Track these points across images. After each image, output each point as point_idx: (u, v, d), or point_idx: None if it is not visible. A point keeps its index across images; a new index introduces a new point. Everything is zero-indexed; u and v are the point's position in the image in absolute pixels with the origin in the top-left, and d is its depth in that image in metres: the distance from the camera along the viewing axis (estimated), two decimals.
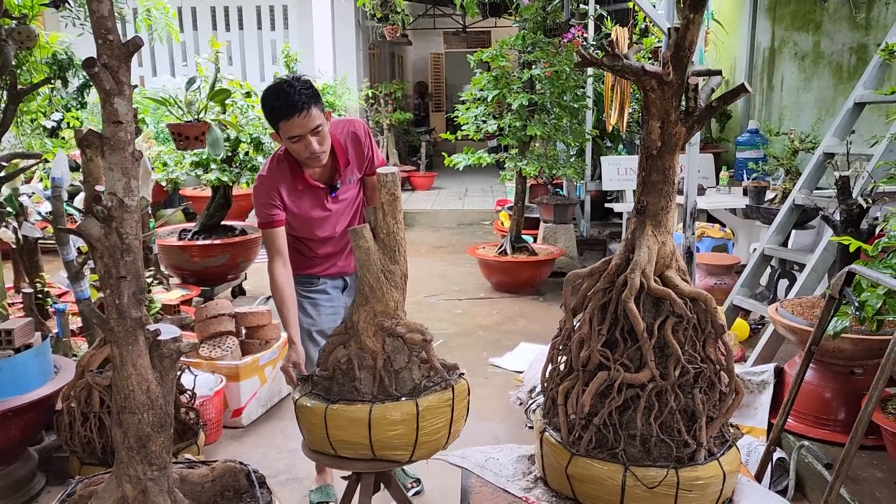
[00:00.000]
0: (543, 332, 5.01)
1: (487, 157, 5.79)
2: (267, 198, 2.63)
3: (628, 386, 2.04)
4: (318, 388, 2.29)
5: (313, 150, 2.51)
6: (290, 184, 2.64)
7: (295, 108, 2.44)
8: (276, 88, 2.49)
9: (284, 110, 2.45)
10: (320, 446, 2.26)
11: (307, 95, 2.46)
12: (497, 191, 11.72)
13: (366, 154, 2.72)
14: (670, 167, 2.11)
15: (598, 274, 2.19)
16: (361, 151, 2.70)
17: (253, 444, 3.39)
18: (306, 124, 2.46)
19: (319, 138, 2.51)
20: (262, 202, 2.64)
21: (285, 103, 2.45)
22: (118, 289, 1.94)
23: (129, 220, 1.94)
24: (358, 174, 2.75)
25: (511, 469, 2.33)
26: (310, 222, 2.72)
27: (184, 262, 5.30)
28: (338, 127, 2.70)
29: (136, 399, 1.97)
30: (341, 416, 2.17)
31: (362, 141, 2.70)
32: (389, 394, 2.20)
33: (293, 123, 2.47)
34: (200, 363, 3.48)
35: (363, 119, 10.38)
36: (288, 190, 2.65)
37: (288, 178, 2.64)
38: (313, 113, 2.47)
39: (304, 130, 2.47)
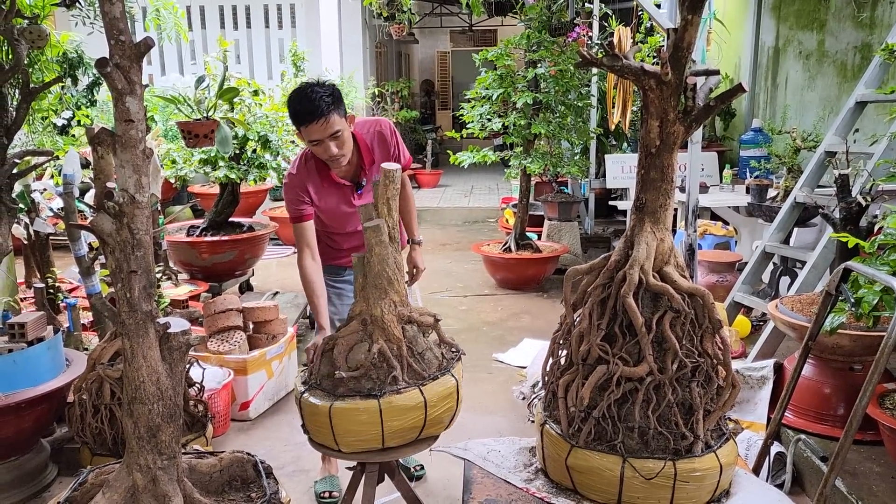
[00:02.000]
0: (547, 328, 5.04)
1: (492, 155, 5.83)
2: (295, 195, 2.76)
3: (627, 379, 2.08)
4: (340, 388, 2.29)
5: (332, 154, 2.61)
6: (317, 181, 2.77)
7: (314, 114, 2.55)
8: (299, 93, 2.60)
9: (305, 115, 2.57)
10: (372, 443, 2.28)
11: (328, 102, 2.55)
12: (502, 188, 11.77)
13: (392, 152, 2.81)
14: (669, 165, 2.16)
15: (598, 270, 2.23)
16: (387, 150, 2.79)
17: (260, 437, 3.45)
18: (325, 130, 2.57)
19: (338, 142, 2.60)
20: (291, 198, 2.77)
21: (306, 109, 2.56)
22: (129, 283, 2.00)
23: (140, 216, 2.00)
24: None
25: (512, 461, 2.38)
26: (337, 217, 2.81)
27: (192, 258, 5.36)
28: (364, 127, 2.79)
29: (147, 390, 2.03)
30: (396, 407, 2.25)
31: (388, 140, 2.79)
32: (424, 376, 2.31)
33: (312, 129, 2.57)
34: (209, 357, 3.54)
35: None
36: (315, 187, 2.77)
37: (315, 176, 2.76)
38: (332, 119, 2.56)
39: (322, 135, 2.58)
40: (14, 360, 2.78)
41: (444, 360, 2.46)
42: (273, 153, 5.28)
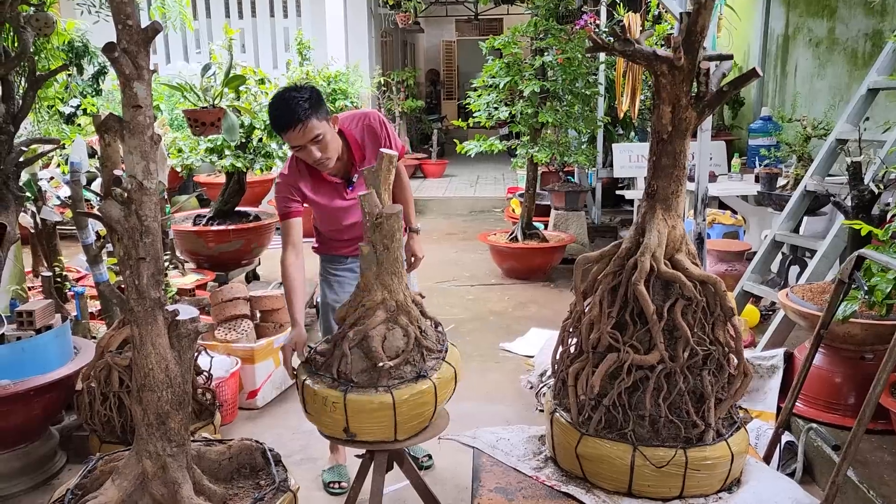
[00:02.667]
0: (554, 317, 5.03)
1: (499, 144, 5.80)
2: (286, 192, 2.76)
3: (637, 367, 2.07)
4: (384, 378, 2.28)
5: (315, 158, 2.61)
6: (308, 180, 2.77)
7: (292, 121, 2.53)
8: (277, 99, 2.60)
9: (283, 122, 2.56)
10: (424, 423, 2.35)
11: (305, 108, 2.53)
12: (508, 178, 11.73)
13: (383, 143, 2.78)
14: (681, 152, 2.13)
15: (609, 257, 2.22)
16: (378, 142, 2.77)
17: (267, 425, 3.45)
18: (304, 136, 2.56)
19: (321, 146, 2.59)
20: (281, 196, 2.77)
21: (283, 116, 2.55)
22: (137, 270, 1.99)
23: (148, 203, 1.99)
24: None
25: (522, 449, 2.37)
26: (332, 213, 2.81)
27: (199, 248, 5.36)
28: (352, 122, 2.76)
29: (156, 377, 2.02)
30: (444, 380, 2.33)
31: (378, 132, 2.76)
32: (440, 352, 2.38)
33: (291, 135, 2.57)
34: (216, 345, 3.53)
35: (376, 107, 10.41)
36: (308, 185, 2.77)
37: (307, 175, 2.77)
38: (311, 124, 2.54)
39: (303, 141, 2.57)
40: (23, 347, 2.78)
41: (440, 335, 2.51)
42: (279, 142, 5.26)
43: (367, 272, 2.32)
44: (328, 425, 2.32)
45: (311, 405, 2.34)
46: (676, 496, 2.02)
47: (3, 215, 3.05)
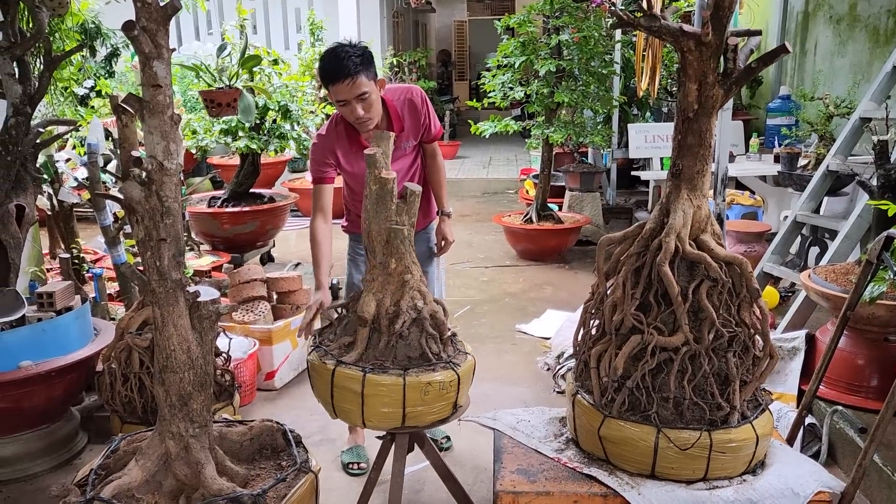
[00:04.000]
0: (570, 299, 5.02)
1: (514, 124, 5.75)
2: (321, 156, 2.75)
3: (661, 349, 2.05)
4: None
5: (358, 116, 2.58)
6: (345, 146, 2.75)
7: (341, 73, 2.51)
8: (330, 52, 2.58)
9: (332, 74, 2.54)
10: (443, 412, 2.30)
11: (356, 62, 2.51)
12: (521, 160, 11.65)
13: (422, 121, 2.77)
14: (706, 130, 2.09)
15: (632, 238, 2.19)
16: (418, 118, 2.75)
17: (286, 406, 3.46)
18: (352, 91, 2.52)
19: (365, 105, 2.56)
20: (315, 159, 2.77)
21: (334, 67, 2.53)
22: (158, 251, 1.98)
23: (169, 183, 1.97)
24: (414, 141, 2.82)
25: (543, 430, 2.36)
26: (361, 182, 2.78)
27: (214, 229, 5.36)
28: (395, 93, 2.75)
29: (178, 358, 2.02)
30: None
31: (419, 108, 2.75)
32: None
33: (339, 88, 2.54)
34: (234, 327, 3.54)
35: None
36: (344, 151, 2.75)
37: (344, 140, 2.74)
38: (360, 80, 2.52)
39: (349, 96, 2.54)
40: (43, 329, 2.80)
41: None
42: (293, 123, 5.24)
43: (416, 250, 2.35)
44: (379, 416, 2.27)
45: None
46: (700, 478, 2.01)
47: (21, 197, 3.05)
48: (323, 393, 2.31)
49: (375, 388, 2.18)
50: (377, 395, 2.19)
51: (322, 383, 2.29)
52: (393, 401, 2.19)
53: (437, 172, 2.92)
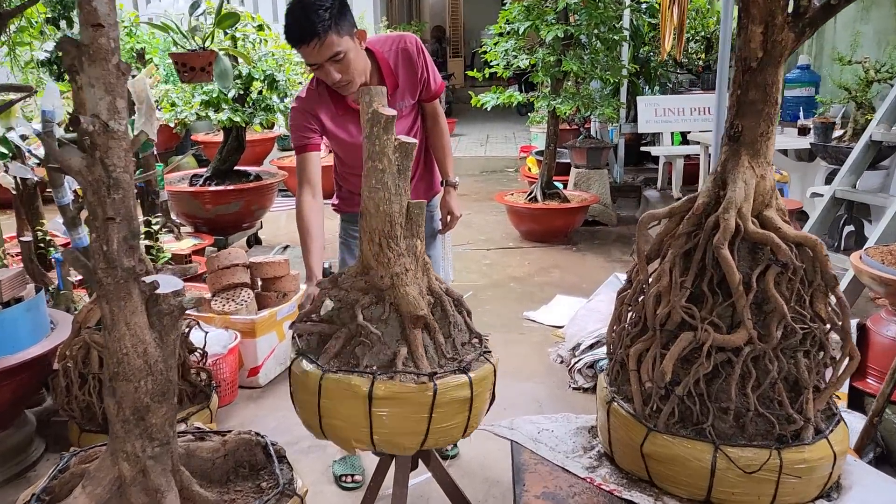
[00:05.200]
0: (580, 283, 4.67)
1: (519, 95, 5.36)
2: (302, 120, 2.34)
3: (719, 349, 1.69)
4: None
5: (334, 80, 2.19)
6: (330, 108, 2.34)
7: (306, 34, 2.10)
8: (294, 5, 2.15)
9: (296, 34, 2.14)
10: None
11: (324, 19, 2.09)
12: (521, 137, 11.27)
13: (420, 74, 2.36)
14: (773, 83, 1.73)
15: (680, 214, 1.83)
16: (414, 72, 2.35)
17: (271, 406, 3.11)
18: (321, 52, 2.13)
19: (341, 66, 2.16)
20: (296, 124, 2.35)
21: (298, 26, 2.12)
22: (105, 232, 1.61)
23: (117, 149, 1.59)
24: (411, 100, 2.41)
25: (569, 443, 2.01)
26: (356, 152, 2.38)
27: (195, 210, 4.98)
28: (385, 44, 2.34)
29: (132, 364, 1.65)
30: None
31: (415, 59, 2.34)
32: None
33: (306, 51, 2.15)
34: (213, 318, 3.18)
35: None
36: (329, 115, 2.35)
37: (328, 101, 2.33)
38: (329, 40, 2.11)
39: (320, 58, 2.15)
40: None
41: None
42: (280, 95, 4.84)
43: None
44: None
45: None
46: None
47: None
48: (359, 424, 1.84)
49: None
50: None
51: (356, 408, 1.81)
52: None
53: (441, 137, 2.54)
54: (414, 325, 1.82)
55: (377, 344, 1.81)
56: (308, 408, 1.93)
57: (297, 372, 1.90)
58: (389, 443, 1.85)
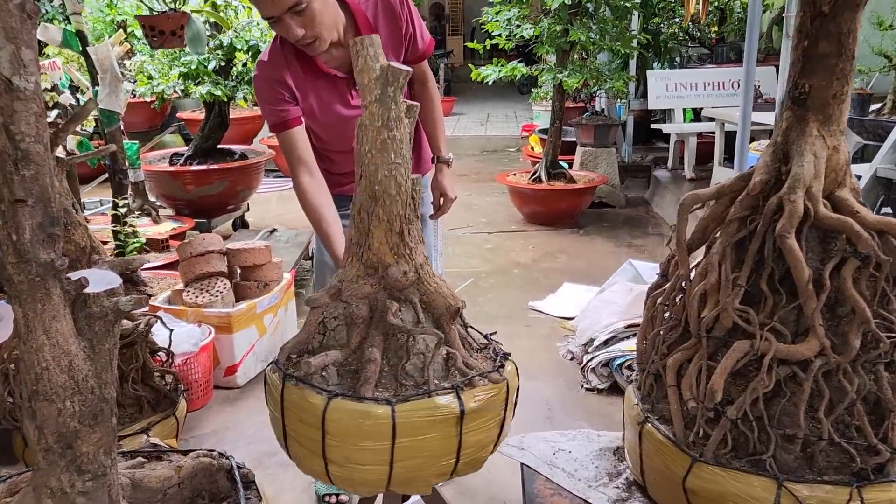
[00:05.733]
0: (589, 270, 4.34)
1: (522, 67, 5.00)
2: (270, 92, 1.94)
3: (781, 362, 1.37)
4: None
5: (295, 37, 1.81)
6: (297, 73, 1.95)
7: None
8: None
9: None
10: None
11: None
12: (522, 116, 10.91)
13: (405, 30, 1.98)
14: (849, 31, 1.39)
15: (731, 195, 1.50)
16: (398, 26, 1.97)
17: (249, 409, 2.79)
18: (277, 2, 1.75)
19: (304, 19, 1.79)
20: (267, 97, 1.95)
21: None
22: (15, 218, 1.27)
23: (25, 113, 1.25)
24: (395, 60, 2.01)
25: (591, 468, 1.69)
26: (331, 124, 2.02)
27: (176, 191, 4.64)
28: None
29: (53, 381, 1.33)
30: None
31: (397, 12, 1.96)
32: None
33: (259, 2, 1.78)
34: (184, 311, 2.85)
35: None
36: (296, 80, 1.95)
37: (295, 65, 1.94)
38: None
39: (276, 10, 1.77)
40: None
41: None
42: None
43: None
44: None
45: None
46: None
47: None
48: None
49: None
50: None
51: (446, 432, 1.39)
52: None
53: (431, 104, 2.18)
54: (452, 319, 1.48)
55: (417, 356, 1.45)
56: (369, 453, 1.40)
57: (342, 417, 1.38)
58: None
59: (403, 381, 1.40)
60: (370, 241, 1.45)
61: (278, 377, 1.48)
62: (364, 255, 1.46)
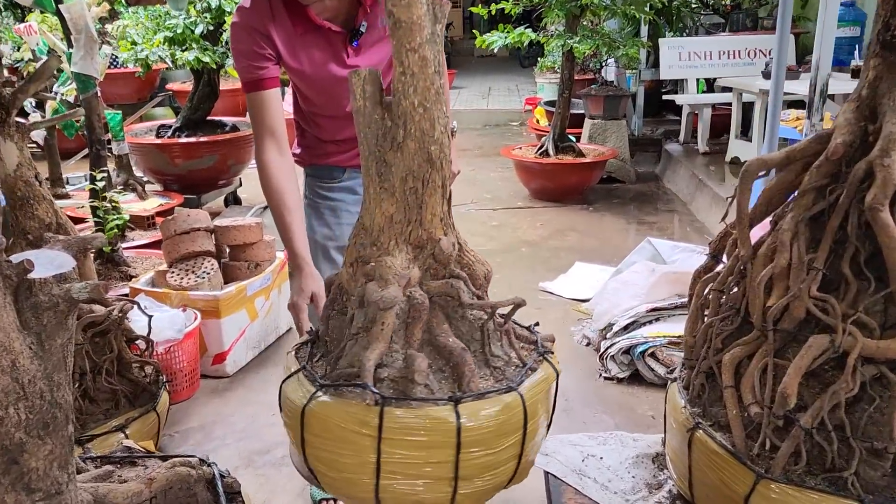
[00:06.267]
0: (600, 248, 4.11)
1: (531, 33, 4.72)
2: (249, 42, 1.66)
3: (866, 360, 1.14)
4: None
5: None
6: (286, 26, 1.68)
7: None
8: None
9: None
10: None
11: None
12: (524, 89, 10.60)
13: None
14: None
15: (804, 161, 1.25)
16: None
17: (240, 400, 2.57)
18: None
19: None
20: (243, 49, 1.67)
21: None
22: None
23: None
24: None
25: (627, 478, 1.47)
26: (324, 85, 1.76)
27: (163, 165, 4.39)
28: None
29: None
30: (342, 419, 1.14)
31: None
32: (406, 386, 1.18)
33: None
34: (168, 294, 2.62)
35: None
36: (283, 34, 1.68)
37: (283, 16, 1.67)
38: None
39: None
40: None
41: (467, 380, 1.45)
42: None
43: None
44: None
45: None
46: None
47: None
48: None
49: None
50: None
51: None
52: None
53: None
54: (488, 283, 1.33)
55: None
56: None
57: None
58: None
59: (495, 364, 1.22)
60: (422, 216, 1.20)
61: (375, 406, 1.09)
62: (413, 234, 1.21)
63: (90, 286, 1.21)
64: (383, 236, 1.21)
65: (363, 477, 1.13)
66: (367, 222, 1.23)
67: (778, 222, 1.26)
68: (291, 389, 1.22)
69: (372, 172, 1.20)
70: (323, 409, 1.14)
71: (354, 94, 1.19)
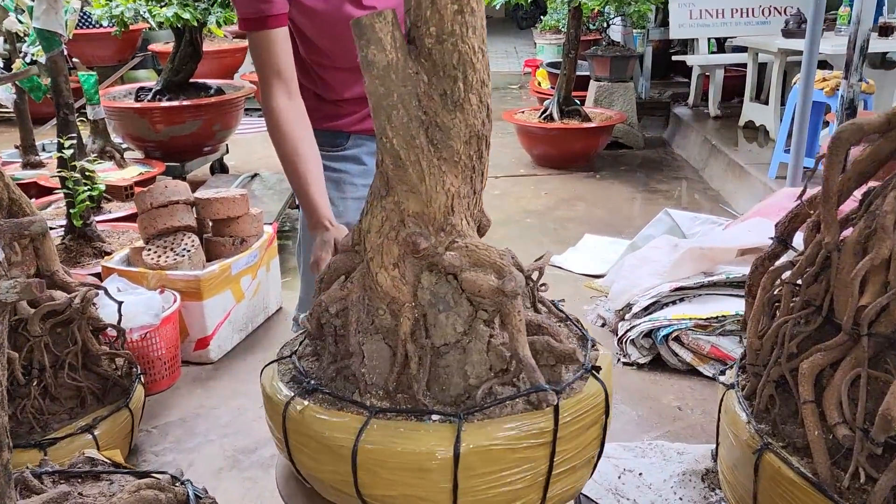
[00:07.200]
0: (609, 218, 3.89)
1: None
2: None
3: None
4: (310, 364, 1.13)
5: None
6: None
7: None
8: None
9: None
10: None
11: None
12: (522, 52, 10.24)
13: None
14: None
15: None
16: None
17: (225, 390, 2.35)
18: None
19: None
20: None
21: None
22: None
23: None
24: None
25: (674, 500, 1.25)
26: (336, 31, 1.48)
27: (143, 131, 4.11)
28: None
29: None
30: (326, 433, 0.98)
31: None
32: (415, 399, 0.99)
33: None
34: (144, 274, 2.38)
35: None
36: None
37: None
38: None
39: None
40: None
41: (482, 387, 1.18)
42: None
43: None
44: None
45: None
46: None
47: None
48: None
49: None
50: None
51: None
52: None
53: None
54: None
55: None
56: None
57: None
58: None
59: None
60: (481, 185, 1.03)
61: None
62: (475, 207, 1.03)
63: (20, 286, 0.97)
64: (453, 217, 0.97)
65: None
66: (416, 208, 0.98)
67: (872, 201, 1.02)
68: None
69: (420, 142, 0.95)
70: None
71: (382, 44, 0.93)
